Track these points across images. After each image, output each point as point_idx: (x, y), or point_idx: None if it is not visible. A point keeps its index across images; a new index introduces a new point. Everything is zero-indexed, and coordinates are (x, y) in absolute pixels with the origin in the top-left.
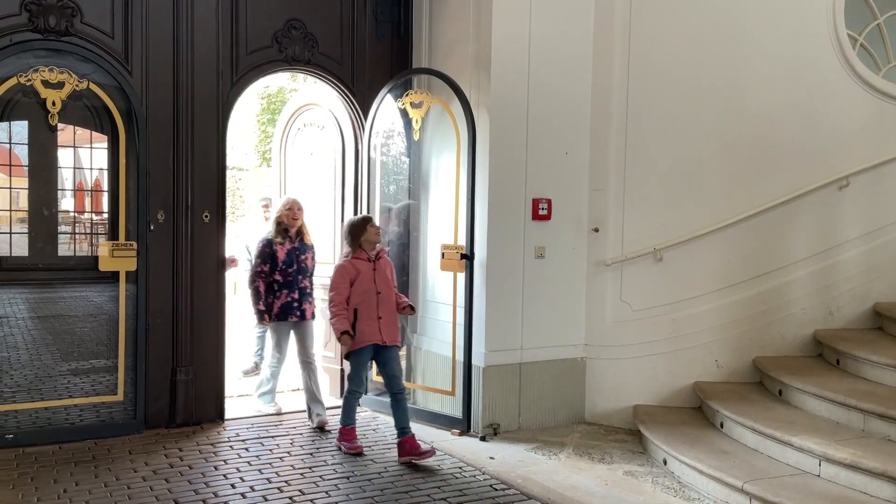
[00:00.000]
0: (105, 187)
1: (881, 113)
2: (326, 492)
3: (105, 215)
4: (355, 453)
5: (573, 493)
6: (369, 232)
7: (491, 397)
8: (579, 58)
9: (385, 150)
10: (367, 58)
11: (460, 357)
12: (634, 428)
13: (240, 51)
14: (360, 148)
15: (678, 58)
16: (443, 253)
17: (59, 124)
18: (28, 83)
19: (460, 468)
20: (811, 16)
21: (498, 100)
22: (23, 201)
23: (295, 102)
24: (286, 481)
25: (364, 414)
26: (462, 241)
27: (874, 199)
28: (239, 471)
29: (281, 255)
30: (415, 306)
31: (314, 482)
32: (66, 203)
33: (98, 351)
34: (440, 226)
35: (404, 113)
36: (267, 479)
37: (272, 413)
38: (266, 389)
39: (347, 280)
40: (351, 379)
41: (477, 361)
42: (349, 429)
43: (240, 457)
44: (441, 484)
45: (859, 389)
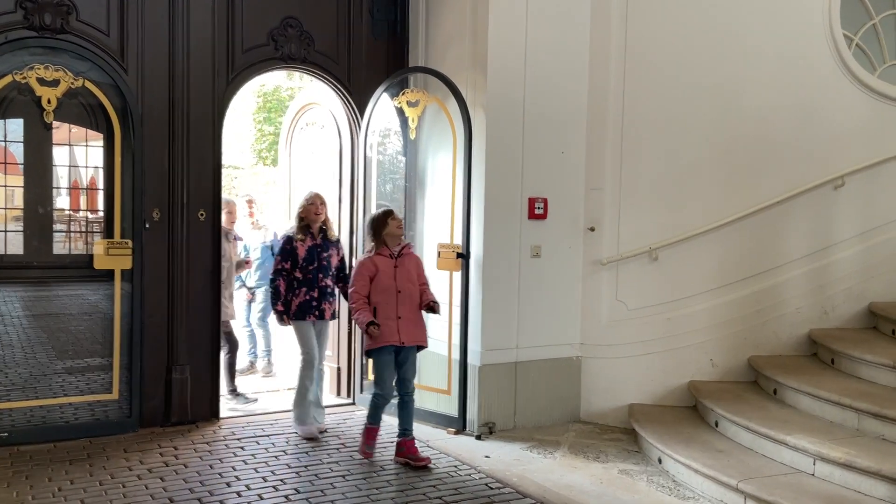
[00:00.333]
0: (100, 185)
1: (876, 113)
2: (322, 490)
3: (100, 213)
4: (363, 457)
5: (568, 492)
6: (391, 226)
7: (486, 396)
8: (576, 57)
9: (381, 149)
10: (364, 56)
11: (456, 356)
12: (629, 427)
13: (235, 49)
14: (357, 147)
15: (674, 57)
16: (439, 252)
17: (55, 122)
18: (23, 81)
19: (456, 467)
20: (806, 16)
21: (494, 99)
22: (18, 199)
23: (298, 102)
24: (281, 479)
25: (364, 412)
26: (458, 240)
27: (869, 199)
28: (234, 469)
29: (301, 252)
30: (438, 304)
31: (309, 480)
32: (62, 201)
33: (93, 349)
34: (436, 225)
35: (401, 112)
36: (262, 478)
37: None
38: (302, 411)
39: (366, 277)
40: (375, 382)
41: (473, 360)
42: (371, 428)
43: (235, 455)
44: (436, 483)
45: (854, 389)
